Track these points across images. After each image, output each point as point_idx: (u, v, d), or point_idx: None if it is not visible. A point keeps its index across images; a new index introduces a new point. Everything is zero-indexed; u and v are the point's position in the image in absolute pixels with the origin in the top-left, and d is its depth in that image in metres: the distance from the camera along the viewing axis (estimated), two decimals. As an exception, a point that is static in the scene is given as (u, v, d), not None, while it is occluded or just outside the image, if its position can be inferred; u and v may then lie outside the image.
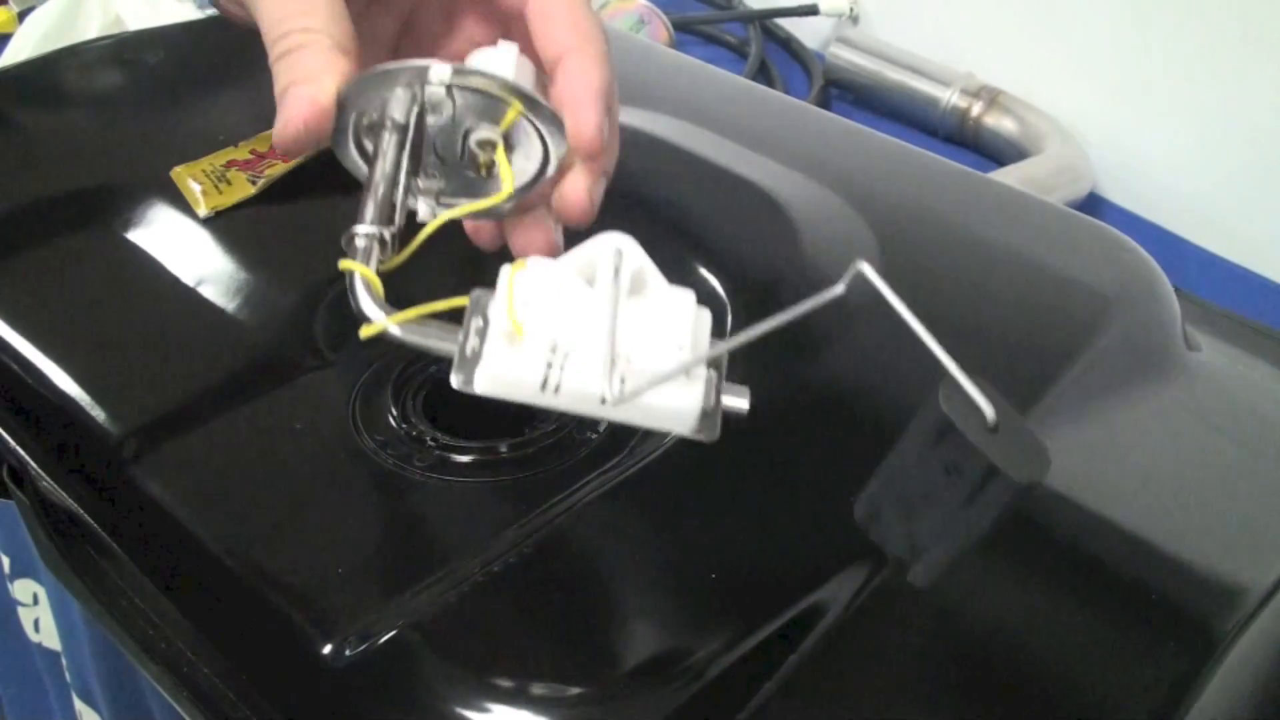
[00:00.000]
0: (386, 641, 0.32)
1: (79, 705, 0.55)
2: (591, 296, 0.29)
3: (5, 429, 0.40)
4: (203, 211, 0.49)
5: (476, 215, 0.36)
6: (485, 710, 0.30)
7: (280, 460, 0.40)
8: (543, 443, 0.41)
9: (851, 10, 1.02)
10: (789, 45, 1.04)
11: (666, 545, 0.37)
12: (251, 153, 0.52)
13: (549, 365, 0.28)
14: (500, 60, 0.35)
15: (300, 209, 0.50)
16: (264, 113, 0.56)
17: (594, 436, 0.42)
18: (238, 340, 0.44)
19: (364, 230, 0.33)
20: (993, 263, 0.50)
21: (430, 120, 0.35)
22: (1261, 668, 0.35)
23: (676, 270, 0.46)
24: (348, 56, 0.35)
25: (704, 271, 0.46)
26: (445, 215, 0.34)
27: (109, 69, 0.61)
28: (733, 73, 0.67)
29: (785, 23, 1.06)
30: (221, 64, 0.61)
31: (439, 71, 0.33)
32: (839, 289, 0.28)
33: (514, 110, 0.34)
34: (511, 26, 0.41)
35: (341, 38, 0.36)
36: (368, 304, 0.31)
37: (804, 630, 0.33)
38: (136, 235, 0.48)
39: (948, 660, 0.34)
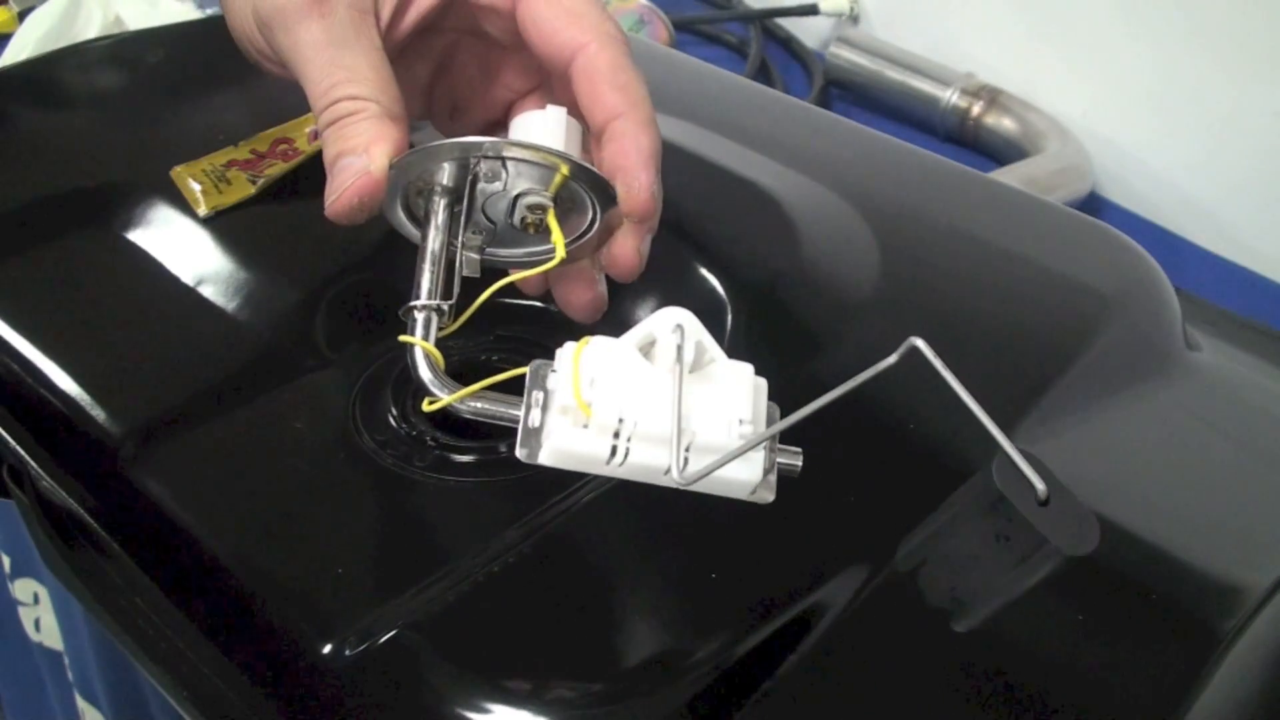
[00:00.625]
0: (386, 641, 0.32)
1: (81, 703, 0.55)
2: (654, 373, 0.30)
3: (5, 429, 0.40)
4: (203, 211, 0.49)
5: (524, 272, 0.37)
6: (485, 710, 0.30)
7: (280, 460, 0.40)
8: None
9: (851, 10, 1.02)
10: (789, 45, 1.04)
11: (666, 545, 0.37)
12: (251, 153, 0.52)
13: (615, 441, 0.30)
14: (550, 127, 0.36)
15: (300, 209, 0.50)
16: (264, 113, 0.56)
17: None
18: (238, 340, 0.44)
19: (422, 304, 0.34)
20: (993, 262, 0.50)
21: (480, 186, 0.35)
22: (1261, 668, 0.35)
23: (677, 270, 0.46)
24: (397, 124, 0.36)
25: (704, 271, 0.46)
26: (504, 281, 0.35)
27: (109, 69, 0.61)
28: (733, 73, 0.67)
29: (785, 22, 1.06)
30: (221, 64, 0.61)
31: (494, 146, 0.34)
32: (891, 360, 0.30)
33: (562, 176, 0.35)
34: (547, 76, 0.41)
35: (390, 104, 0.36)
36: (431, 379, 0.32)
37: (804, 630, 0.33)
38: (136, 235, 0.48)
39: (947, 660, 0.34)
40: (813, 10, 1.02)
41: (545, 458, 0.30)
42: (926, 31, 0.97)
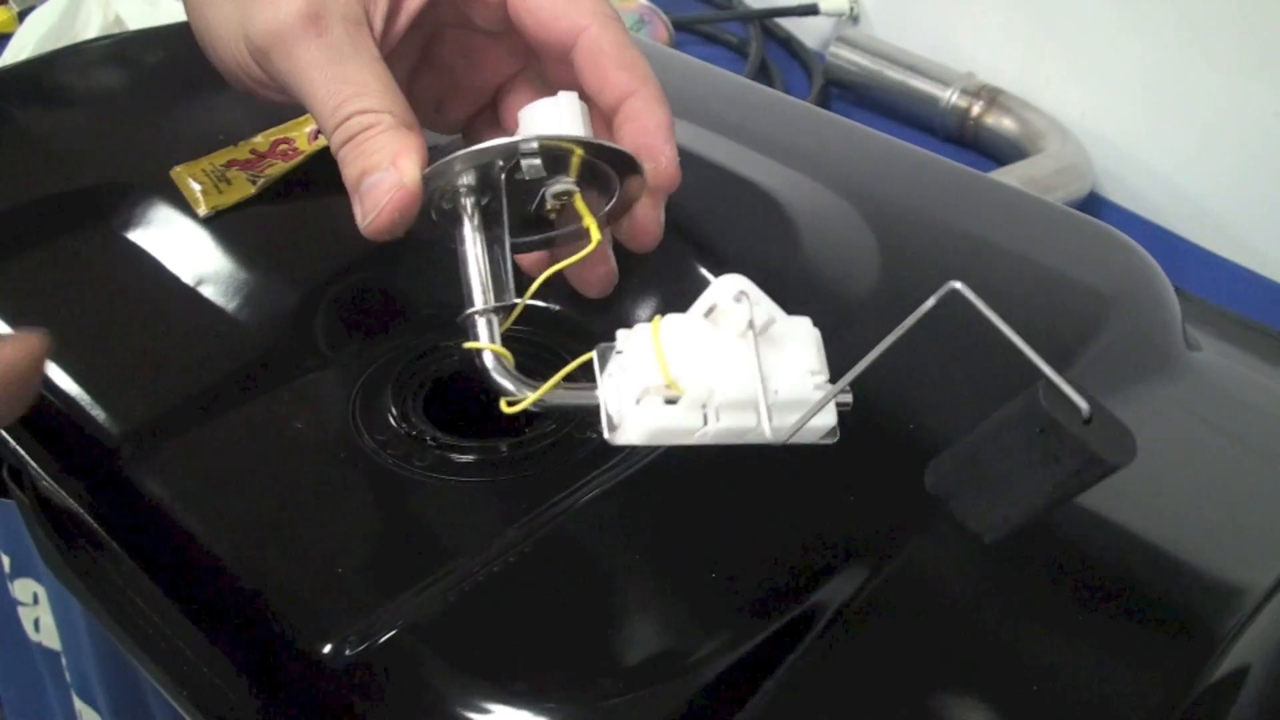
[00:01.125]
0: (386, 641, 0.32)
1: (79, 705, 0.55)
2: (726, 340, 0.31)
3: (5, 429, 0.40)
4: (203, 211, 0.49)
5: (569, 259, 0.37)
6: (485, 710, 0.30)
7: (280, 460, 0.40)
8: (543, 443, 0.41)
9: (851, 10, 1.02)
10: (789, 45, 1.04)
11: (666, 545, 0.37)
12: (251, 152, 0.52)
13: (704, 412, 0.31)
14: (568, 114, 0.36)
15: (300, 209, 0.50)
16: (264, 113, 0.56)
17: (594, 436, 0.42)
18: (238, 340, 0.44)
19: (481, 308, 0.35)
20: (992, 262, 0.50)
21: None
22: (1261, 668, 0.35)
23: (677, 270, 0.46)
24: (415, 132, 0.36)
25: (704, 271, 0.46)
26: (550, 270, 0.35)
27: (109, 69, 0.61)
28: (733, 72, 0.67)
29: (785, 22, 1.06)
30: (221, 64, 0.61)
31: (529, 146, 0.34)
32: (929, 304, 0.32)
33: (578, 157, 0.35)
34: (534, 57, 0.41)
35: (403, 114, 0.36)
36: (506, 381, 0.34)
37: (804, 630, 0.33)
38: (136, 235, 0.48)
39: (948, 660, 0.34)
40: (813, 10, 1.02)
41: (638, 438, 0.31)
42: (926, 31, 0.97)
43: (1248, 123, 0.79)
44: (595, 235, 0.36)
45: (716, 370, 0.31)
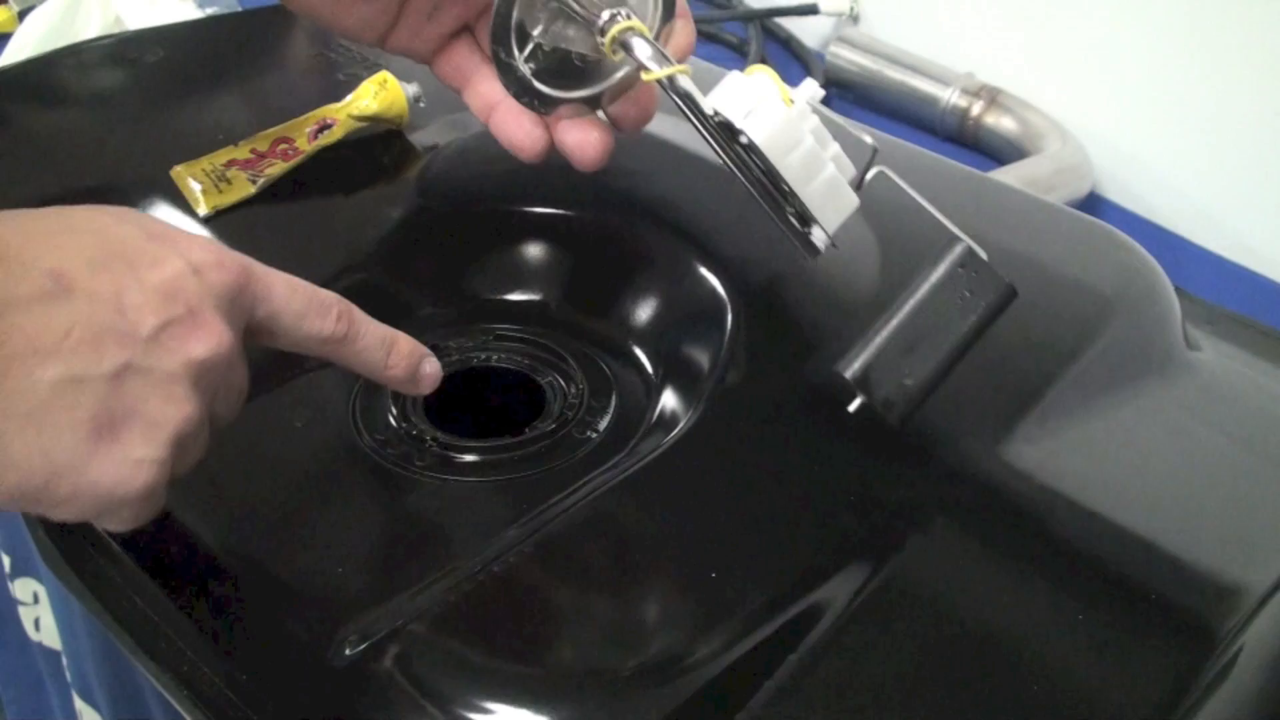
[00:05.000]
0: (386, 641, 0.32)
1: (79, 704, 0.55)
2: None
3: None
4: (203, 211, 0.49)
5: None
6: (485, 710, 0.30)
7: (280, 460, 0.40)
8: (542, 442, 0.41)
9: (851, 10, 1.02)
10: (789, 45, 1.04)
11: (666, 545, 0.37)
12: (251, 152, 0.52)
13: (812, 134, 0.37)
14: None
15: (300, 209, 0.50)
16: (264, 113, 0.56)
17: (594, 436, 0.42)
18: (238, 340, 0.43)
19: (613, 12, 0.39)
20: (993, 262, 0.50)
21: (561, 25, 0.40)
22: (1261, 668, 0.35)
23: (677, 270, 0.46)
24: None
25: (704, 271, 0.46)
26: (667, 70, 0.39)
27: (109, 69, 0.61)
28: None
29: (785, 22, 1.06)
30: (221, 64, 0.61)
31: None
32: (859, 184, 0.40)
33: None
34: None
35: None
36: (649, 54, 0.38)
37: (804, 630, 0.33)
38: (136, 235, 0.48)
39: (948, 660, 0.34)
40: (813, 10, 1.01)
41: (761, 138, 0.37)
42: (926, 31, 0.97)
43: (1248, 123, 0.79)
44: (655, 70, 0.38)
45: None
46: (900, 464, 0.40)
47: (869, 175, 0.39)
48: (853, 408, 0.38)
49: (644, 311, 0.47)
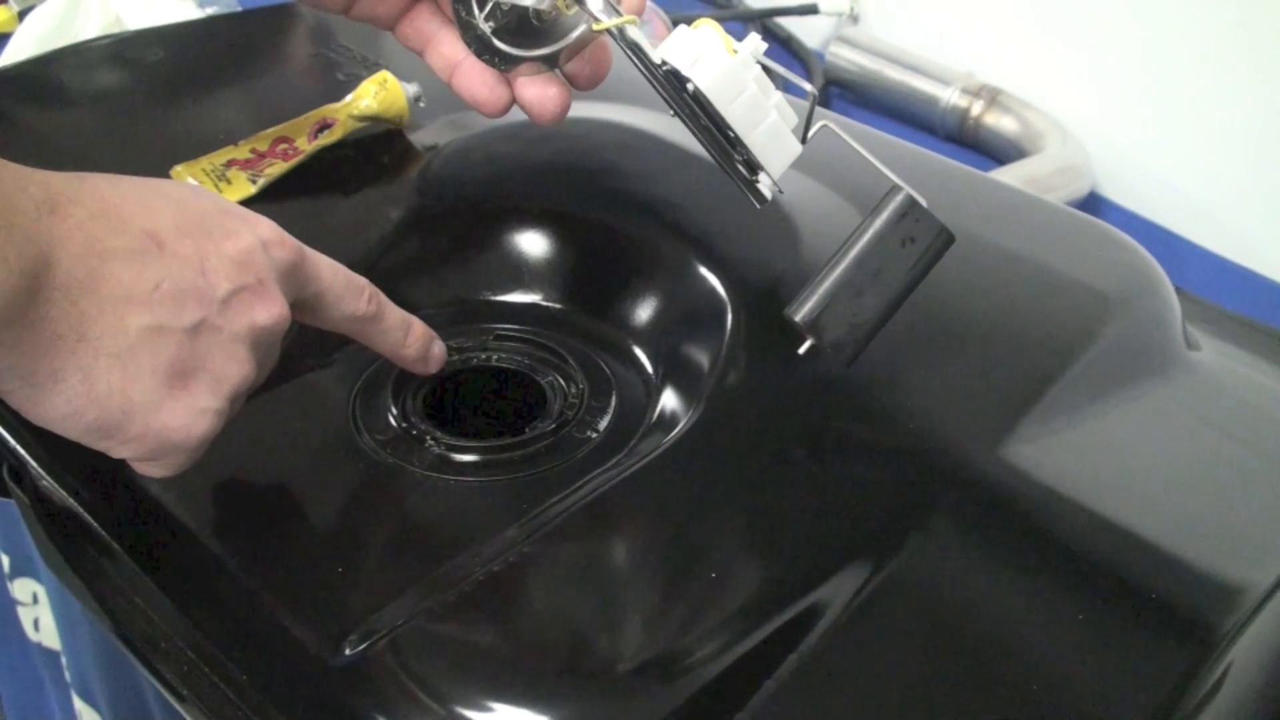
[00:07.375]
0: (386, 641, 0.32)
1: (79, 704, 0.55)
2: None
3: (5, 429, 0.40)
4: (203, 211, 0.49)
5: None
6: (485, 710, 0.30)
7: (280, 459, 0.40)
8: (542, 442, 0.41)
9: (852, 10, 1.02)
10: (789, 44, 1.04)
11: (666, 545, 0.37)
12: (252, 152, 0.52)
13: (755, 83, 0.39)
14: None
15: (300, 209, 0.50)
16: (264, 112, 0.56)
17: (593, 436, 0.42)
18: (238, 340, 0.43)
19: None
20: (993, 262, 0.50)
21: None
22: (1261, 668, 0.35)
23: (677, 270, 0.46)
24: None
25: (703, 270, 0.46)
26: (616, 20, 0.41)
27: (109, 68, 0.61)
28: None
29: (785, 22, 1.06)
30: (221, 64, 0.61)
31: None
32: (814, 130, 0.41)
33: None
34: None
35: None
36: (600, 6, 0.40)
37: (804, 630, 0.33)
38: (136, 235, 0.48)
39: (947, 660, 0.34)
40: (813, 10, 1.02)
41: (710, 80, 0.38)
42: (926, 31, 0.97)
43: (1248, 122, 0.79)
44: (610, 19, 0.40)
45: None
46: (900, 464, 0.40)
47: (813, 130, 0.41)
48: (802, 350, 0.39)
49: (644, 311, 0.47)
